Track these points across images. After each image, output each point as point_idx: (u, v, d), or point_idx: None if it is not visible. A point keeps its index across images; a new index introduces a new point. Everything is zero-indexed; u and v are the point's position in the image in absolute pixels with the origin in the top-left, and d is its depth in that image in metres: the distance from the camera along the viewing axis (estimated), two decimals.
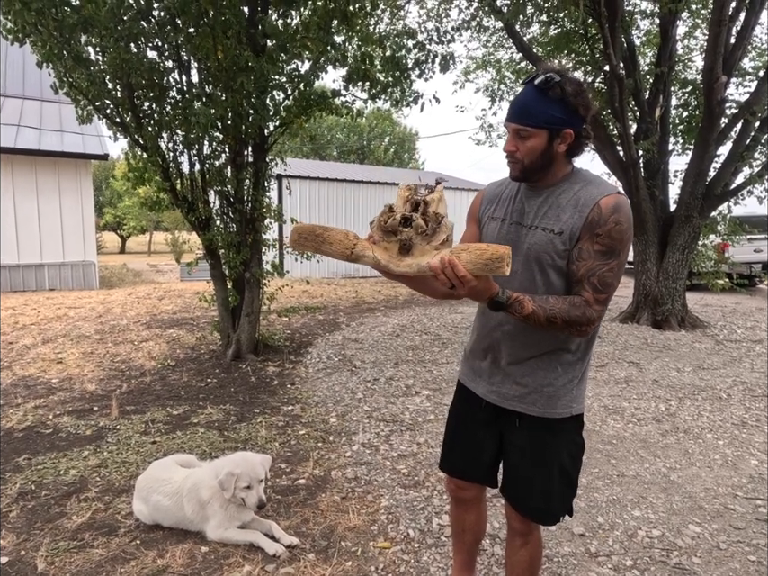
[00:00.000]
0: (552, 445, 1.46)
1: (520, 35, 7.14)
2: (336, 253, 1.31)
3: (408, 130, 33.87)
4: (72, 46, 4.16)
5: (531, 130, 1.33)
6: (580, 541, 2.26)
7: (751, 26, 6.08)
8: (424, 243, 1.28)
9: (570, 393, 1.44)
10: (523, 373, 1.45)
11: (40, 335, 6.07)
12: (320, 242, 1.33)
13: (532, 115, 1.32)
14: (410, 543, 2.24)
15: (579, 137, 1.36)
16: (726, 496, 2.65)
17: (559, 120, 1.32)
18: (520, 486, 1.50)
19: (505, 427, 1.52)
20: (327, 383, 4.46)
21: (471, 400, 1.58)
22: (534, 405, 1.44)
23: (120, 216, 26.80)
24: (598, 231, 1.32)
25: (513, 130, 1.36)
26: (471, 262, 1.21)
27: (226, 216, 5.06)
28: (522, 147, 1.36)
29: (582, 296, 1.32)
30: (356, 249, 1.30)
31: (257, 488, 2.19)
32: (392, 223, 1.29)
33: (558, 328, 1.31)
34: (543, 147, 1.34)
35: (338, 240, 1.32)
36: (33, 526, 2.32)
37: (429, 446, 3.18)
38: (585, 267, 1.32)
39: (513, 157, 1.38)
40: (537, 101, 1.32)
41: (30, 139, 10.09)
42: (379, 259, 1.30)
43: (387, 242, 1.32)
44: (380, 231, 1.33)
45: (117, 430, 3.38)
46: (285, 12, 4.78)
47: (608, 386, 4.39)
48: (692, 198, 6.53)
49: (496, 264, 1.19)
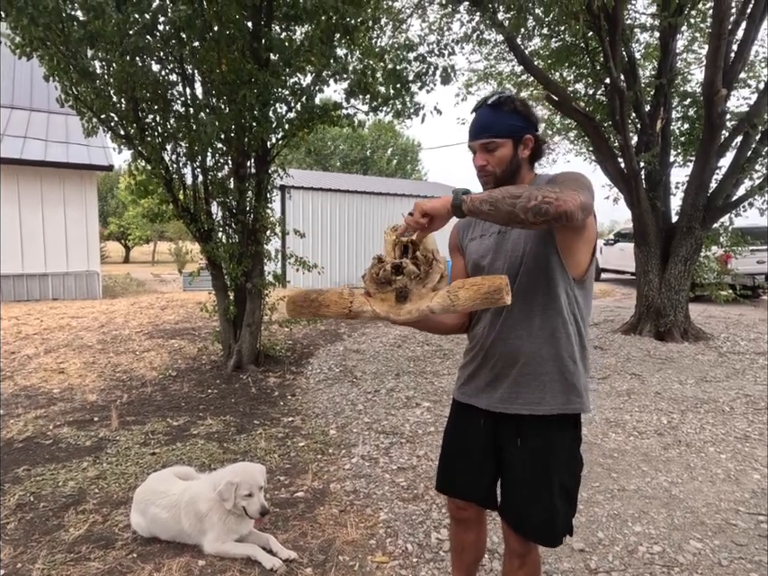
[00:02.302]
0: (552, 461, 1.44)
1: (521, 48, 7.20)
2: (334, 314, 1.31)
3: (411, 141, 34.08)
4: (78, 60, 4.23)
5: (497, 141, 1.43)
6: (580, 557, 2.24)
7: (751, 39, 6.11)
8: (420, 287, 1.28)
9: (569, 390, 1.44)
10: (524, 381, 1.44)
11: (43, 345, 6.09)
12: (316, 307, 1.32)
13: (495, 128, 1.43)
14: (408, 557, 2.22)
15: (538, 141, 1.47)
16: (728, 511, 2.63)
17: (519, 128, 1.43)
18: (520, 505, 1.48)
19: (505, 446, 1.51)
20: (328, 395, 4.45)
21: (469, 418, 1.57)
22: (539, 405, 1.43)
23: (125, 226, 26.96)
24: (554, 179, 1.39)
25: (480, 146, 1.45)
26: (470, 299, 1.21)
27: (228, 227, 5.09)
28: (491, 159, 1.44)
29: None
30: (354, 306, 1.30)
31: (258, 495, 2.18)
32: (384, 274, 1.29)
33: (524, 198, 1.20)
34: (511, 155, 1.44)
35: (334, 301, 1.31)
36: (31, 539, 2.31)
37: (429, 459, 3.17)
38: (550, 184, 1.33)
39: (485, 171, 1.46)
40: (495, 116, 1.44)
41: (36, 151, 10.19)
42: (378, 312, 1.29)
43: (383, 293, 1.31)
44: (374, 284, 1.32)
45: (117, 441, 3.38)
46: (288, 26, 4.85)
47: (610, 398, 4.36)
48: (694, 209, 6.53)
49: (495, 296, 1.19)
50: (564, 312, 1.43)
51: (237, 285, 4.96)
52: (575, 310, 1.45)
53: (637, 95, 6.94)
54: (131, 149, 4.76)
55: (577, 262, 1.43)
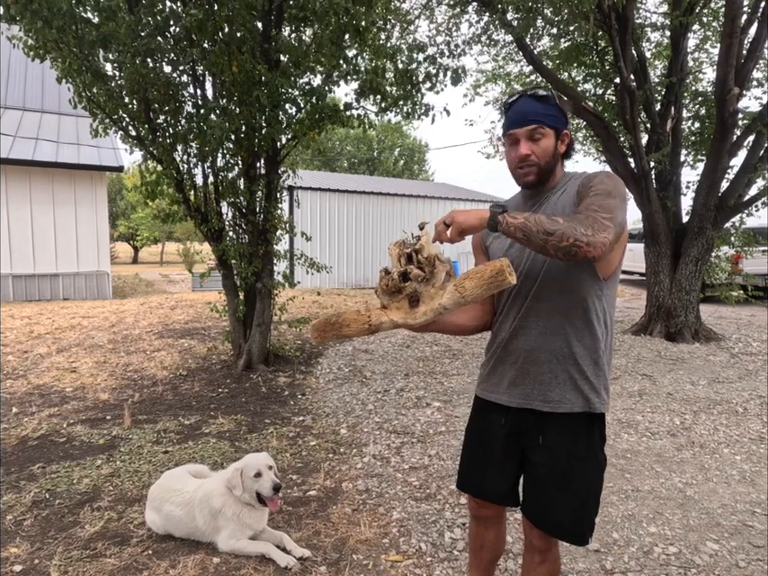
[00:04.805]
0: (576, 460, 1.43)
1: (530, 48, 7.18)
2: (356, 331, 1.38)
3: (418, 141, 34.09)
4: (91, 62, 4.27)
5: (544, 130, 1.39)
6: (595, 557, 2.23)
7: (763, 38, 6.06)
8: (429, 287, 1.33)
9: (594, 390, 1.43)
10: (547, 379, 1.43)
11: (55, 344, 6.14)
12: (338, 329, 1.39)
13: (542, 117, 1.39)
14: (422, 556, 2.22)
15: (571, 138, 1.47)
16: (744, 512, 2.60)
17: (560, 121, 1.42)
18: (544, 503, 1.46)
19: (527, 443, 1.49)
20: (338, 394, 4.46)
21: (491, 416, 1.56)
22: (561, 402, 1.42)
23: (134, 227, 27.17)
24: (591, 185, 1.35)
25: (526, 134, 1.40)
26: (477, 287, 1.26)
27: (238, 227, 5.12)
28: (536, 149, 1.40)
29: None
30: (372, 320, 1.37)
31: (268, 473, 2.21)
32: (393, 283, 1.35)
33: (557, 237, 1.18)
34: (553, 147, 1.42)
35: (353, 320, 1.38)
36: (47, 535, 2.33)
37: (440, 459, 3.16)
38: (584, 204, 1.31)
39: (529, 162, 1.41)
40: (540, 107, 1.41)
41: (47, 152, 10.30)
42: (396, 320, 1.36)
43: (396, 302, 1.37)
44: (386, 296, 1.38)
45: (129, 440, 3.40)
46: (299, 27, 4.87)
47: (621, 399, 4.34)
48: (705, 209, 6.48)
49: (499, 278, 1.24)
50: (590, 312, 1.40)
51: (248, 285, 4.98)
52: (601, 310, 1.42)
53: (647, 95, 6.91)
54: (143, 150, 4.80)
55: (609, 262, 1.40)
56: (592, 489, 1.46)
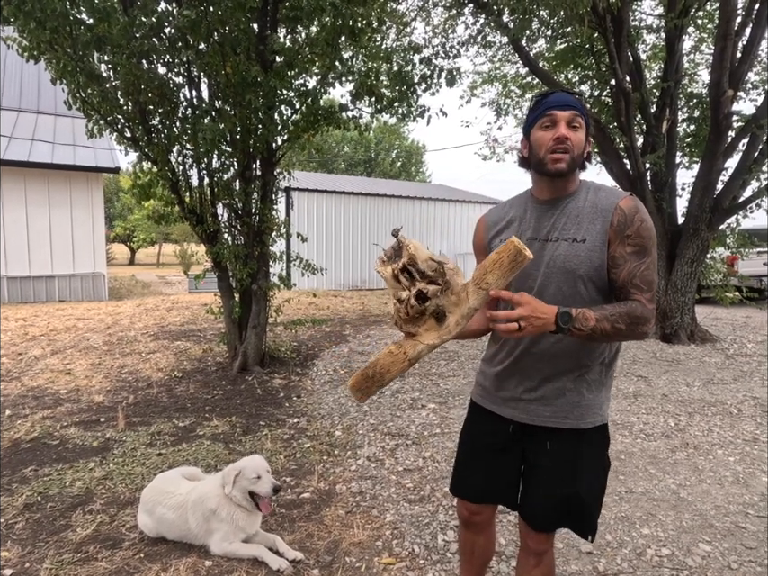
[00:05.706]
0: (581, 463, 1.43)
1: (526, 50, 7.20)
2: (398, 371, 1.30)
3: (415, 143, 34.11)
4: (85, 63, 4.26)
5: (582, 120, 1.34)
6: (588, 559, 2.23)
7: (757, 40, 6.09)
8: (449, 296, 1.26)
9: (599, 403, 1.44)
10: (555, 392, 1.42)
11: (49, 346, 6.12)
12: (378, 378, 1.31)
13: (581, 108, 1.35)
14: (415, 559, 2.22)
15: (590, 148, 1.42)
16: (737, 514, 2.61)
17: (588, 124, 1.38)
18: (547, 506, 1.45)
19: (531, 448, 1.48)
20: (333, 396, 4.45)
21: (492, 423, 1.54)
22: (567, 418, 1.41)
23: (130, 228, 27.11)
24: (627, 233, 1.32)
25: (567, 118, 1.32)
26: (500, 277, 1.21)
27: (233, 229, 5.11)
28: (573, 137, 1.32)
29: (634, 298, 1.32)
30: (410, 354, 1.28)
31: (266, 476, 2.21)
32: (413, 310, 1.25)
33: (622, 334, 1.29)
34: (584, 143, 1.36)
35: (390, 362, 1.29)
36: (38, 538, 2.32)
37: (435, 461, 3.16)
38: (625, 271, 1.32)
39: (565, 145, 1.31)
40: (577, 101, 1.36)
41: (43, 153, 10.27)
42: (433, 342, 1.27)
43: (424, 325, 1.28)
44: (411, 324, 1.28)
45: (123, 442, 3.39)
46: (294, 28, 4.86)
47: (616, 400, 4.34)
48: (701, 211, 6.50)
49: (518, 259, 1.18)
50: None
51: (243, 287, 4.97)
52: None
53: (642, 97, 6.93)
54: (138, 151, 4.79)
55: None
56: (594, 490, 1.46)
